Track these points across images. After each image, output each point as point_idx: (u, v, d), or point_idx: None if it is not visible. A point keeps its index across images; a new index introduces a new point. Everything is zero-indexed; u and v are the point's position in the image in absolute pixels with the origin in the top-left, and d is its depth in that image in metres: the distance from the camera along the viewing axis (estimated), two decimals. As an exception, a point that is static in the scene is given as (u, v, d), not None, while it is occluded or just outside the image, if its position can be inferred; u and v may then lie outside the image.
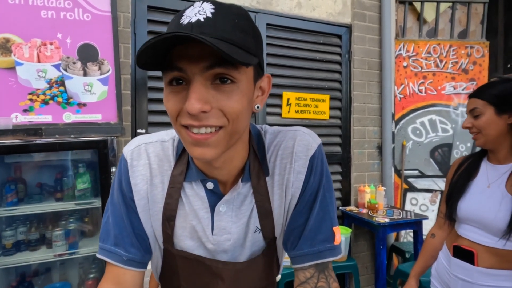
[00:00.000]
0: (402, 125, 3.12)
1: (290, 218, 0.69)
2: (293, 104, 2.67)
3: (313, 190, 0.67)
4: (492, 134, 1.09)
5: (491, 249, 1.07)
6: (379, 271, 2.42)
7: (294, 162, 0.66)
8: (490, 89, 1.11)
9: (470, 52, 3.20)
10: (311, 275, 0.67)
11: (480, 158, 1.20)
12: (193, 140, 0.52)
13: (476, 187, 1.14)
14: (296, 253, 0.67)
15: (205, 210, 0.65)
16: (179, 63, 0.50)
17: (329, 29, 2.78)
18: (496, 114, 1.08)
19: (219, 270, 0.67)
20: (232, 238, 0.67)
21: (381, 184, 2.95)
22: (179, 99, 0.52)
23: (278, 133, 0.70)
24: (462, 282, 1.12)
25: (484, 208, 1.08)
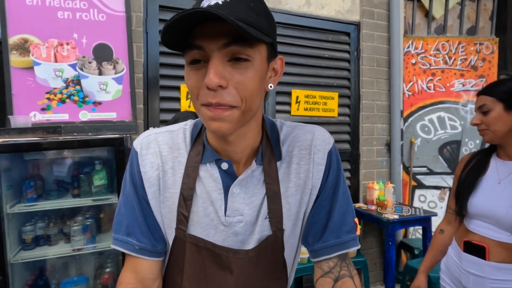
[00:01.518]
0: (410, 122, 3.13)
1: (312, 210, 0.71)
2: (302, 102, 2.70)
3: (333, 183, 0.70)
4: (500, 130, 1.11)
5: (503, 244, 1.09)
6: (388, 267, 2.44)
7: (314, 154, 0.69)
8: (499, 86, 1.13)
9: (479, 49, 3.19)
10: (335, 264, 0.70)
11: (489, 154, 1.21)
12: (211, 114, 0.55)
13: (487, 183, 1.16)
14: (322, 245, 0.70)
15: (219, 192, 0.66)
16: (198, 42, 0.53)
17: (337, 26, 2.79)
18: (505, 110, 1.10)
19: (229, 260, 0.66)
20: (244, 220, 0.67)
21: (389, 181, 2.97)
22: (199, 76, 0.55)
23: (295, 126, 0.73)
24: (474, 276, 1.14)
25: (496, 204, 1.10)
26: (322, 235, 0.70)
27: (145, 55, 2.22)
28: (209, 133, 0.66)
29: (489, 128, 1.13)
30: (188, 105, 2.34)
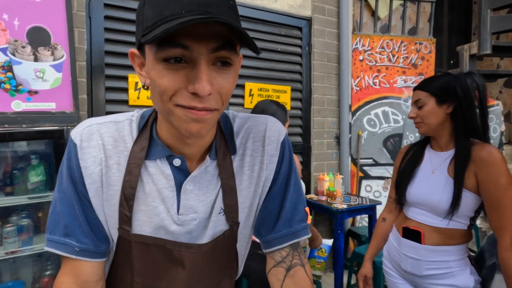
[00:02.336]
0: (358, 116, 3.28)
1: (265, 201, 0.71)
2: (255, 95, 2.70)
3: (285, 173, 0.71)
4: (433, 123, 1.19)
5: (436, 228, 1.18)
6: (337, 254, 2.55)
7: (267, 145, 0.68)
8: (432, 82, 1.21)
9: (419, 48, 3.42)
10: (287, 254, 0.71)
11: (424, 146, 1.30)
12: (195, 117, 0.52)
13: (422, 173, 1.25)
14: (274, 236, 0.70)
15: (171, 189, 0.63)
16: (186, 41, 0.49)
17: (290, 21, 2.83)
18: (437, 104, 1.18)
19: (181, 255, 0.64)
20: (198, 217, 0.65)
21: (339, 172, 3.10)
22: (178, 77, 0.51)
23: (248, 118, 0.72)
24: (411, 260, 1.23)
25: (430, 192, 1.19)
26: (274, 225, 0.70)
27: (88, 41, 2.07)
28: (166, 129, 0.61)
29: (424, 121, 1.21)
30: (137, 96, 2.23)
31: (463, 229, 1.17)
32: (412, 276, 1.26)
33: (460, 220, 1.16)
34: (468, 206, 1.14)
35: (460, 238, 1.18)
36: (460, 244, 1.18)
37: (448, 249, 1.18)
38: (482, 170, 1.10)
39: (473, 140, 1.17)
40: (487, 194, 1.10)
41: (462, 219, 1.16)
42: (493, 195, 1.08)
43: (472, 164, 1.12)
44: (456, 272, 1.17)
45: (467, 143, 1.16)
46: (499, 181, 1.07)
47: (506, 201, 1.07)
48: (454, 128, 1.20)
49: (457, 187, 1.13)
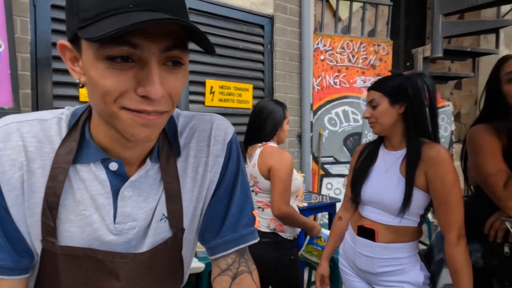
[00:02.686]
0: (319, 115, 3.32)
1: (210, 205, 0.67)
2: (216, 92, 2.64)
3: (232, 175, 0.67)
4: (386, 123, 1.22)
5: (389, 226, 1.20)
6: (298, 252, 2.57)
7: (212, 146, 0.65)
8: (385, 82, 1.23)
9: (377, 50, 3.53)
10: (233, 261, 0.67)
11: (378, 145, 1.33)
12: (143, 121, 0.48)
13: (376, 172, 1.27)
14: (219, 241, 0.66)
15: (106, 196, 0.57)
16: (134, 39, 0.45)
17: (252, 18, 2.80)
18: (390, 104, 1.21)
19: (115, 266, 0.58)
20: (138, 225, 0.60)
21: (300, 170, 3.12)
22: (125, 79, 0.46)
23: (193, 116, 0.67)
24: (366, 258, 1.25)
25: (383, 191, 1.21)
26: (219, 230, 0.67)
27: (33, 31, 1.91)
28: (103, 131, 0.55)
29: (378, 121, 1.23)
30: (88, 92, 2.09)
31: (414, 227, 1.21)
32: (366, 274, 1.28)
33: (411, 217, 1.19)
34: (419, 204, 1.17)
35: (411, 235, 1.21)
36: (411, 241, 1.21)
37: (400, 246, 1.20)
38: (431, 168, 1.13)
39: (424, 139, 1.20)
40: (435, 192, 1.13)
41: (413, 217, 1.19)
42: (441, 192, 1.12)
43: (422, 163, 1.15)
44: (407, 268, 1.21)
45: (418, 142, 1.19)
46: (446, 179, 1.11)
47: (452, 198, 1.11)
48: (405, 128, 1.22)
49: (408, 185, 1.15)
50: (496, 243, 1.14)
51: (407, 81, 1.20)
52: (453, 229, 1.11)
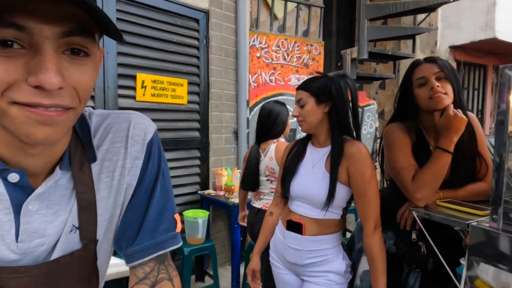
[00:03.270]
0: (255, 111, 3.37)
1: (127, 210, 0.63)
2: (148, 87, 2.53)
3: (151, 177, 0.63)
4: (313, 121, 1.28)
5: (315, 219, 1.27)
6: (234, 248, 2.59)
7: (130, 147, 0.60)
8: (312, 82, 1.29)
9: (310, 49, 3.68)
10: (151, 269, 0.63)
11: (306, 142, 1.39)
12: (40, 118, 0.41)
13: (304, 168, 1.33)
14: (136, 249, 0.62)
15: (5, 212, 0.51)
16: (22, 21, 0.38)
17: (186, 11, 2.72)
18: (316, 104, 1.27)
19: (2, 282, 0.52)
20: (47, 241, 0.54)
21: (237, 167, 3.14)
22: (13, 67, 0.40)
23: (107, 115, 0.62)
24: (294, 250, 1.30)
25: (310, 186, 1.27)
26: (136, 237, 0.62)
27: None
28: None
29: (305, 119, 1.28)
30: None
31: (337, 219, 1.28)
32: (294, 266, 1.33)
33: (335, 211, 1.27)
34: (341, 197, 1.25)
35: (334, 227, 1.29)
36: (334, 233, 1.29)
37: (325, 238, 1.27)
38: (352, 164, 1.21)
39: (346, 137, 1.28)
40: (355, 186, 1.22)
41: (336, 210, 1.27)
42: (360, 186, 1.21)
43: (344, 159, 1.23)
44: (331, 258, 1.28)
45: (341, 140, 1.26)
46: (365, 174, 1.20)
47: (370, 191, 1.20)
48: (330, 126, 1.29)
49: (332, 180, 1.22)
50: (406, 230, 1.26)
51: (331, 82, 1.27)
52: (370, 219, 1.20)
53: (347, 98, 1.28)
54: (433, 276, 1.24)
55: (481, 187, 1.26)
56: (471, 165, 1.28)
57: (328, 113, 1.28)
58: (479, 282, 1.01)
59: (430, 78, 1.23)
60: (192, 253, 2.44)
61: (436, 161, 1.19)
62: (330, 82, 1.26)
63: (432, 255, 1.18)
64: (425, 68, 1.26)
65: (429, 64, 1.26)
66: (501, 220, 0.93)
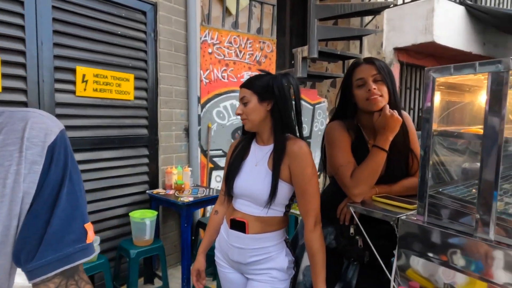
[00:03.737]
0: (208, 108, 3.32)
1: (25, 222, 0.55)
2: (90, 81, 2.38)
3: (54, 184, 0.56)
4: (256, 119, 1.27)
5: (258, 217, 1.27)
6: (184, 247, 2.54)
7: (26, 150, 0.53)
8: (255, 80, 1.28)
9: (263, 47, 3.70)
10: (57, 285, 0.56)
11: (250, 140, 1.38)
12: None
13: (247, 166, 1.32)
14: (37, 264, 0.55)
15: None
16: None
17: (132, 3, 2.60)
18: (259, 102, 1.26)
19: None
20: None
21: (188, 164, 3.07)
22: None
23: (1, 113, 0.55)
24: (237, 249, 1.29)
25: (253, 184, 1.27)
26: (37, 250, 0.55)
27: None
28: None
29: (248, 117, 1.27)
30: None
31: (280, 216, 1.29)
32: (238, 265, 1.32)
33: (277, 208, 1.27)
34: (284, 195, 1.26)
35: (278, 224, 1.30)
36: (277, 230, 1.30)
37: (268, 235, 1.28)
38: (293, 162, 1.22)
39: (289, 135, 1.29)
40: (296, 183, 1.23)
41: (279, 207, 1.28)
42: (301, 183, 1.22)
43: (286, 157, 1.24)
44: (274, 255, 1.29)
45: (283, 138, 1.27)
46: (306, 171, 1.21)
47: (310, 188, 1.22)
48: (273, 124, 1.29)
49: (274, 178, 1.23)
50: (345, 225, 1.30)
51: (273, 80, 1.26)
52: (310, 216, 1.22)
53: (290, 96, 1.28)
54: (370, 268, 1.30)
55: (413, 181, 1.33)
56: (404, 161, 1.36)
57: (271, 111, 1.28)
58: (410, 272, 1.07)
59: (368, 80, 1.28)
60: (139, 255, 2.35)
61: (372, 159, 1.24)
62: (273, 80, 1.26)
63: (368, 248, 1.23)
64: (364, 69, 1.31)
65: (368, 66, 1.30)
66: (426, 213, 0.99)
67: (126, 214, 2.56)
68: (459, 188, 1.08)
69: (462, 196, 1.02)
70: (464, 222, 0.94)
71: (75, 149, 2.33)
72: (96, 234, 2.42)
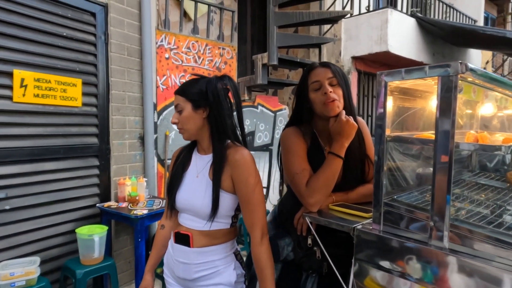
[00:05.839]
0: (165, 115, 3.18)
1: None
2: (30, 86, 2.18)
3: None
4: (192, 128, 1.17)
5: (202, 231, 1.17)
6: (138, 264, 2.37)
7: None
8: (188, 86, 1.18)
9: (223, 53, 3.63)
10: None
11: (191, 149, 1.28)
12: None
13: (189, 177, 1.22)
14: None
15: None
16: None
17: (79, 3, 2.42)
18: (193, 109, 1.15)
19: None
20: None
21: (143, 175, 2.91)
22: None
23: None
24: (182, 265, 1.18)
25: (194, 197, 1.17)
26: None
27: None
28: None
29: (183, 127, 1.17)
30: None
31: (226, 228, 1.20)
32: (184, 281, 1.22)
33: (222, 220, 1.18)
34: (227, 206, 1.17)
35: (224, 236, 1.20)
36: (225, 243, 1.20)
37: (214, 249, 1.18)
38: (235, 171, 1.13)
39: (230, 143, 1.19)
40: (240, 193, 1.14)
41: (223, 219, 1.18)
42: (244, 193, 1.13)
43: (228, 166, 1.14)
44: (221, 269, 1.19)
45: (222, 146, 1.17)
46: (248, 180, 1.13)
47: (254, 198, 1.13)
48: (210, 132, 1.19)
49: (215, 189, 1.13)
50: (302, 236, 1.25)
51: (208, 84, 1.16)
52: (257, 228, 1.14)
53: (226, 100, 1.18)
54: (329, 279, 1.25)
55: (369, 188, 1.31)
56: (361, 168, 1.33)
57: (208, 118, 1.17)
58: (367, 281, 1.03)
59: (323, 83, 1.24)
60: (87, 275, 2.16)
61: (328, 166, 1.20)
62: (207, 85, 1.15)
63: (326, 259, 1.18)
64: (319, 72, 1.27)
65: (323, 69, 1.27)
66: (382, 222, 0.95)
67: (72, 230, 2.35)
68: (414, 195, 1.06)
69: (416, 203, 1.00)
70: (419, 231, 0.91)
71: (12, 160, 2.11)
72: (36, 254, 2.20)
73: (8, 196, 2.08)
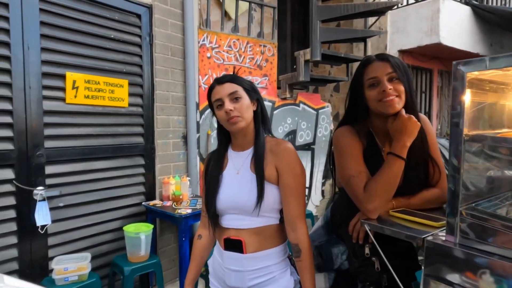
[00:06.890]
0: (207, 114, 3.18)
1: None
2: (81, 88, 2.25)
3: None
4: (249, 117, 1.13)
5: (253, 229, 1.12)
6: (182, 263, 2.38)
7: None
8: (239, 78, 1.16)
9: (264, 50, 3.57)
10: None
11: (224, 150, 1.23)
12: None
13: (228, 176, 1.17)
14: None
15: None
16: None
17: (125, 5, 2.48)
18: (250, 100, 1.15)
19: None
20: None
21: (186, 174, 2.93)
22: None
23: None
24: (235, 273, 1.13)
25: (238, 192, 1.12)
26: None
27: None
28: None
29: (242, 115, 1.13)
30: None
31: (275, 224, 1.15)
32: None
33: (270, 214, 1.13)
34: (273, 197, 1.12)
35: (275, 235, 1.15)
36: (278, 246, 1.15)
37: (267, 253, 1.13)
38: (281, 160, 1.12)
39: (267, 136, 1.19)
40: (286, 182, 1.11)
41: (271, 214, 1.14)
42: (292, 182, 1.11)
43: (271, 157, 1.13)
44: (277, 276, 1.13)
45: (264, 139, 1.17)
46: (296, 169, 1.12)
47: (300, 188, 1.13)
48: (256, 125, 1.18)
49: (259, 179, 1.10)
50: (359, 244, 1.15)
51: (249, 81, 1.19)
52: (303, 219, 1.12)
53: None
54: (389, 293, 1.14)
55: (434, 193, 1.18)
56: (424, 170, 1.21)
57: (255, 111, 1.17)
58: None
59: (382, 79, 1.13)
60: (134, 272, 2.20)
61: (388, 169, 1.09)
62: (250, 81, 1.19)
63: (386, 272, 1.07)
64: (377, 67, 1.16)
65: (381, 63, 1.15)
66: (458, 233, 0.83)
67: (120, 227, 2.41)
68: (495, 203, 0.92)
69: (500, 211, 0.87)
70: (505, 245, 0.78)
71: (65, 159, 2.19)
72: (87, 250, 2.27)
73: (62, 193, 2.17)
